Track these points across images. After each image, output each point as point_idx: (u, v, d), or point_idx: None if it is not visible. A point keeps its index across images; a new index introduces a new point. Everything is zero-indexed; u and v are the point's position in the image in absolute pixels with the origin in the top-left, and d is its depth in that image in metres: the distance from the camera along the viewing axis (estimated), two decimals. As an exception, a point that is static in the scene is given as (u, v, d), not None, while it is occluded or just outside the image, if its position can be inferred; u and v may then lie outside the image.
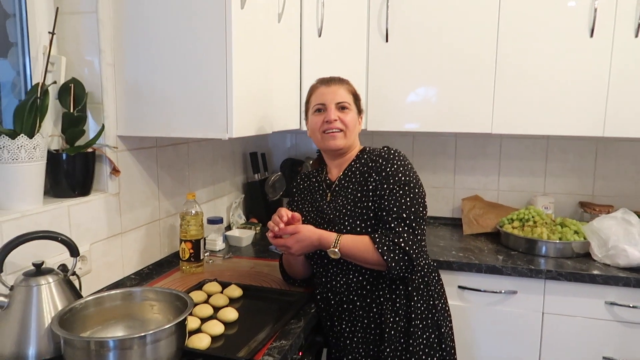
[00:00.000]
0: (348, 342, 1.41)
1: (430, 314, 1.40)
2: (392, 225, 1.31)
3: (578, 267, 1.79)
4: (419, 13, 2.05)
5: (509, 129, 2.04)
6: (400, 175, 1.35)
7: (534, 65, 1.97)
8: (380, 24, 2.09)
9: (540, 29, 1.95)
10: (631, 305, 1.72)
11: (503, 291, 1.84)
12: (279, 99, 1.77)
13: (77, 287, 1.19)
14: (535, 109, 1.99)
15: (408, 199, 1.33)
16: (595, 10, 1.87)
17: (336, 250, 1.31)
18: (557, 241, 1.91)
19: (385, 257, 1.27)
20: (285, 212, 1.36)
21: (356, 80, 1.55)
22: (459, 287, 1.88)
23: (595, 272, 1.74)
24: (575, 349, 1.80)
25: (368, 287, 1.38)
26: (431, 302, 1.41)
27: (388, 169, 1.36)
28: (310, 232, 1.33)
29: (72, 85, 1.40)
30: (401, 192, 1.33)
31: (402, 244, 1.28)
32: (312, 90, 1.49)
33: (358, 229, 1.35)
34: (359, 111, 1.49)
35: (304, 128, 2.03)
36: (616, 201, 2.28)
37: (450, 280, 1.87)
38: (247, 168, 2.46)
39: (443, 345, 1.41)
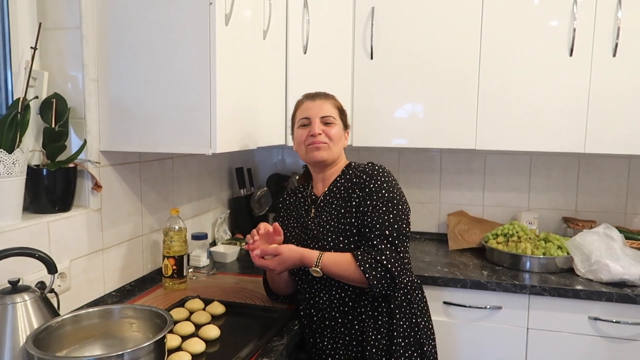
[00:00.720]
0: (330, 359, 1.39)
1: (413, 332, 1.39)
2: (375, 242, 1.30)
3: (562, 282, 1.80)
4: (404, 31, 2.08)
5: (492, 145, 2.06)
6: (383, 191, 1.35)
7: (516, 83, 2.00)
8: (365, 41, 2.12)
9: (521, 48, 1.98)
10: (614, 321, 1.73)
11: (488, 307, 1.84)
12: (264, 114, 1.78)
13: (56, 305, 1.16)
14: (518, 126, 2.02)
15: (391, 216, 1.32)
16: (574, 30, 1.91)
17: (318, 269, 1.30)
18: (541, 256, 1.92)
19: (367, 275, 1.26)
20: (263, 226, 1.37)
21: (341, 96, 1.56)
22: (444, 302, 1.88)
23: (579, 287, 1.75)
24: (560, 365, 1.80)
25: (350, 304, 1.37)
26: (414, 320, 1.40)
27: (372, 185, 1.35)
28: (292, 253, 1.33)
29: (54, 100, 1.39)
30: (384, 208, 1.33)
31: (384, 262, 1.27)
32: (298, 105, 1.50)
33: (341, 245, 1.35)
34: (345, 126, 1.50)
35: (290, 143, 2.04)
36: (598, 216, 2.31)
37: (436, 296, 1.87)
38: (233, 183, 2.46)
39: None
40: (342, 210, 1.38)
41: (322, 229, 1.38)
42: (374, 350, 1.35)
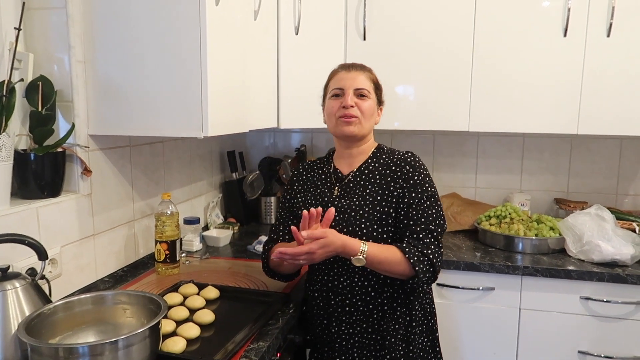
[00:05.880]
0: (344, 343, 1.39)
1: (426, 319, 1.43)
2: (421, 235, 1.30)
3: (554, 262, 1.82)
4: (397, 12, 2.05)
5: (485, 127, 2.05)
6: (427, 185, 1.35)
7: (509, 64, 1.99)
8: (357, 22, 2.09)
9: (515, 29, 1.96)
10: (605, 300, 1.75)
11: (481, 288, 1.86)
12: (256, 97, 1.75)
13: (47, 291, 1.15)
14: (511, 107, 2.01)
15: (434, 211, 1.33)
16: (569, 10, 1.89)
17: (362, 257, 1.24)
18: (534, 237, 1.93)
19: (416, 268, 1.25)
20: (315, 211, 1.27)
21: (334, 78, 1.53)
22: (438, 284, 1.89)
23: (571, 267, 1.77)
24: (551, 344, 1.82)
25: (372, 293, 1.36)
26: (428, 309, 1.44)
27: (416, 177, 1.34)
28: (336, 238, 1.24)
29: (41, 82, 1.35)
30: (428, 203, 1.33)
31: (430, 256, 1.28)
32: (332, 74, 1.45)
33: (374, 234, 1.32)
34: (380, 102, 1.44)
35: (282, 126, 2.02)
36: (590, 197, 2.33)
37: (429, 278, 1.88)
38: (224, 167, 2.43)
39: (437, 349, 1.45)
40: (379, 197, 1.35)
41: (354, 213, 1.34)
42: (392, 339, 1.36)
